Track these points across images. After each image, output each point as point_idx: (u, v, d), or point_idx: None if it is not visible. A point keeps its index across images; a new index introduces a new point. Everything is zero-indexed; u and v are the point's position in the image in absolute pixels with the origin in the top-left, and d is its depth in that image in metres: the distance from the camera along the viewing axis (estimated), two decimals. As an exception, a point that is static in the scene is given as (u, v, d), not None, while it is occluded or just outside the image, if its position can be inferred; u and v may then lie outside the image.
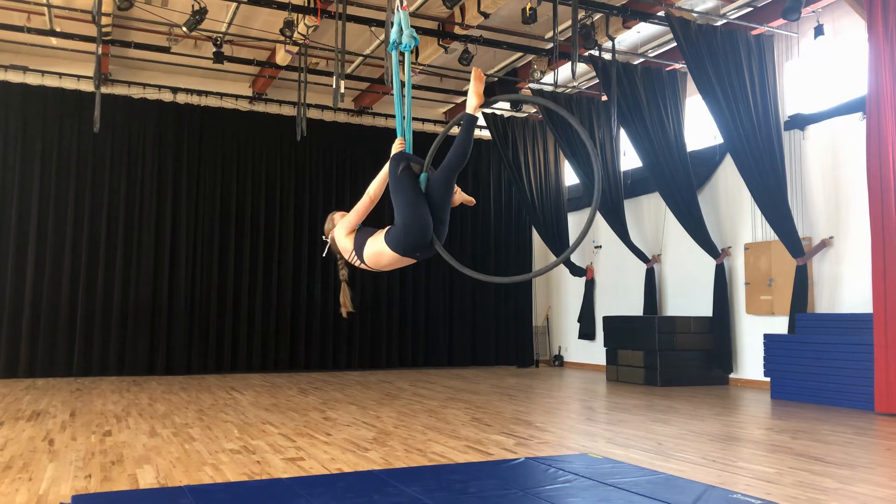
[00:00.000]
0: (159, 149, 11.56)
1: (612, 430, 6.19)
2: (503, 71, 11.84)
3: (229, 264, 11.77)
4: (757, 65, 9.12)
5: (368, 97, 12.65)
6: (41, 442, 5.43)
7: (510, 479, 4.29)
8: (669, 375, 9.89)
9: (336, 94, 8.13)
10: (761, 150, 8.88)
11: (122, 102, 11.37)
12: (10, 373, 10.34)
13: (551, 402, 8.35)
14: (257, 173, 12.16)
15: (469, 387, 9.74)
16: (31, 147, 10.87)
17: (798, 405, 7.89)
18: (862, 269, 8.25)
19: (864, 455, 5.14)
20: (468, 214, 13.58)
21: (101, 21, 8.21)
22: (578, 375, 11.71)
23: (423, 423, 6.45)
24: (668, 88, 10.40)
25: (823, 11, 8.85)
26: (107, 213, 11.15)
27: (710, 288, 10.26)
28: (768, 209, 8.92)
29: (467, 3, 8.97)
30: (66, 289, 10.81)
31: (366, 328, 12.64)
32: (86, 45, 10.13)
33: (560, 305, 13.93)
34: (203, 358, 11.46)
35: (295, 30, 9.07)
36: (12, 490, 3.98)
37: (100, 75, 8.70)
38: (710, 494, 3.87)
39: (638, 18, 9.05)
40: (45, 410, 7.13)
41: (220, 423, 6.37)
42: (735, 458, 5.02)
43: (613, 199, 11.38)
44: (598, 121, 11.59)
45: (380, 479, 4.20)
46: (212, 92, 11.89)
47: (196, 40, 10.44)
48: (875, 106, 7.36)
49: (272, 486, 4.05)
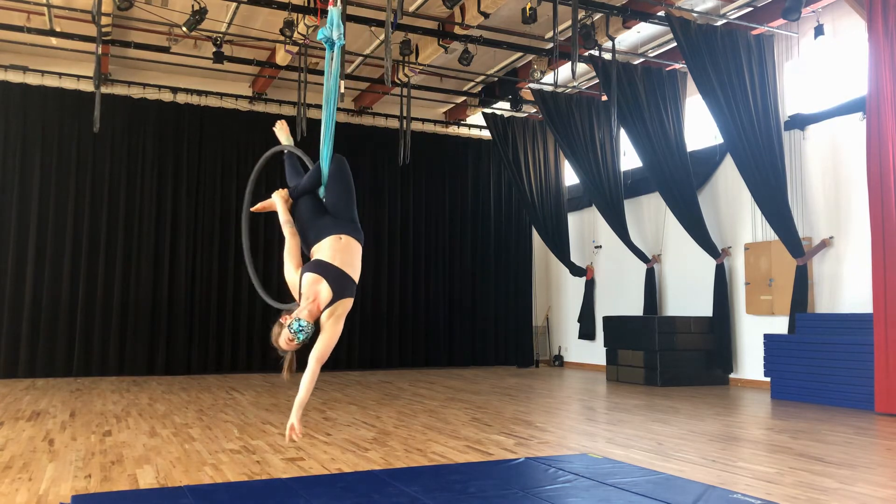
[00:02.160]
0: (159, 149, 11.56)
1: (612, 430, 6.19)
2: (503, 71, 11.84)
3: (229, 264, 11.77)
4: (757, 65, 9.12)
5: (368, 97, 12.64)
6: (41, 442, 5.43)
7: (510, 479, 4.28)
8: (669, 375, 9.89)
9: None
10: (761, 150, 8.88)
11: (122, 102, 11.37)
12: (10, 373, 10.34)
13: (551, 402, 8.35)
14: (257, 173, 12.13)
15: (469, 387, 9.74)
16: (31, 147, 10.87)
17: (798, 405, 7.89)
18: (862, 269, 8.24)
19: (864, 455, 5.14)
20: (468, 214, 13.59)
21: (101, 21, 8.21)
22: (578, 375, 11.71)
23: (423, 423, 6.45)
24: (668, 88, 10.40)
25: (823, 11, 8.85)
26: (107, 212, 11.15)
27: (710, 288, 10.26)
28: (768, 209, 8.92)
29: (467, 3, 8.97)
30: (66, 289, 10.81)
31: (366, 328, 12.64)
32: (86, 45, 10.13)
33: (560, 305, 13.93)
34: (203, 358, 11.46)
35: (295, 30, 9.07)
36: (12, 490, 3.98)
37: (100, 75, 8.71)
38: (710, 494, 3.87)
39: (638, 18, 9.05)
40: (45, 410, 7.13)
41: (220, 423, 6.37)
42: (735, 458, 5.02)
43: (613, 199, 11.37)
44: (598, 121, 11.59)
45: (380, 479, 4.20)
46: (212, 92, 11.89)
47: (196, 40, 10.44)
48: (875, 106, 7.36)
49: (272, 486, 4.05)
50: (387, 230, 13.01)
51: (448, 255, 13.47)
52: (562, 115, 11.48)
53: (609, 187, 11.36)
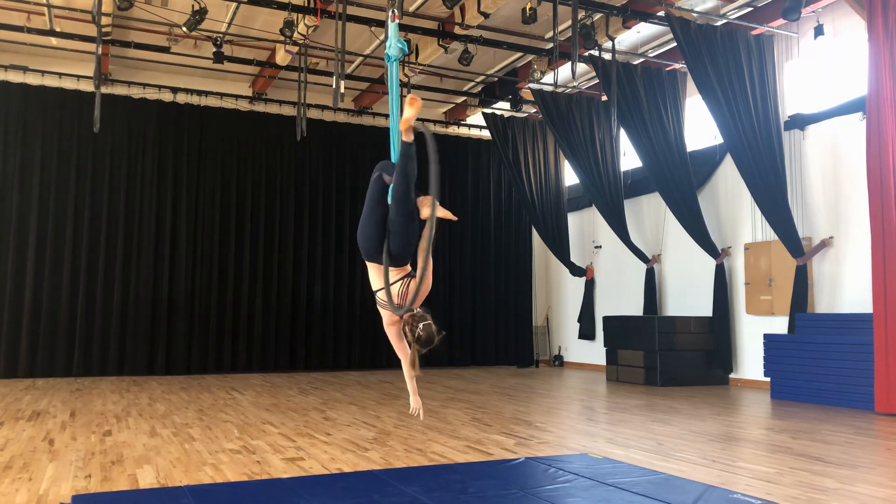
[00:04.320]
0: (159, 149, 11.56)
1: (612, 430, 6.19)
2: (503, 71, 11.84)
3: (229, 264, 11.78)
4: (757, 65, 9.12)
5: (368, 97, 12.64)
6: (41, 442, 5.43)
7: (510, 479, 4.28)
8: (669, 375, 9.89)
9: (336, 94, 8.13)
10: (761, 150, 8.88)
11: (122, 102, 11.37)
12: (10, 373, 10.34)
13: (551, 402, 8.35)
14: (257, 173, 12.16)
15: (469, 387, 9.74)
16: (31, 147, 10.87)
17: (798, 405, 7.89)
18: (862, 269, 8.24)
19: (864, 455, 5.14)
20: (468, 214, 13.58)
21: (101, 21, 8.21)
22: (578, 375, 11.71)
23: (423, 423, 6.45)
24: (668, 88, 10.40)
25: (823, 11, 8.85)
26: (107, 212, 11.15)
27: (710, 288, 10.26)
28: (768, 209, 8.92)
29: (467, 3, 8.97)
30: (66, 289, 10.81)
31: (366, 328, 12.62)
32: (86, 45, 10.13)
33: (560, 305, 13.93)
34: (203, 358, 11.46)
35: (295, 30, 9.07)
36: (12, 490, 3.98)
37: (100, 75, 8.70)
38: (710, 494, 3.87)
39: (638, 18, 9.05)
40: (45, 410, 7.13)
41: (220, 423, 6.37)
42: (735, 458, 5.02)
43: (613, 199, 11.37)
44: (598, 121, 11.59)
45: (380, 479, 4.20)
46: (212, 92, 11.89)
47: (196, 40, 10.43)
48: (875, 106, 7.36)
49: (272, 486, 4.05)
50: (387, 230, 12.99)
51: (448, 255, 13.46)
52: (562, 115, 11.48)
53: (609, 187, 11.36)
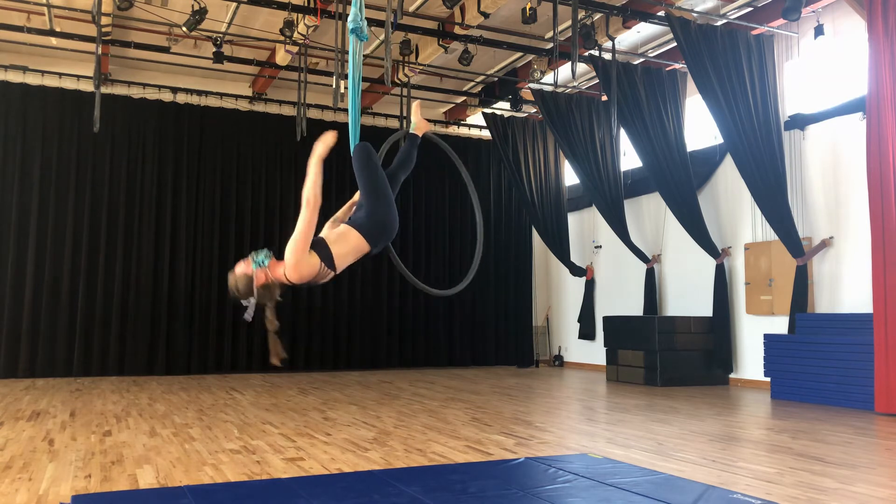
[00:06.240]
0: (159, 149, 11.56)
1: (612, 430, 6.19)
2: (503, 71, 11.84)
3: (229, 264, 11.65)
4: (757, 65, 9.12)
5: (368, 97, 12.64)
6: (41, 442, 5.43)
7: (510, 479, 4.28)
8: (669, 375, 9.89)
9: (336, 94, 8.13)
10: (761, 150, 8.88)
11: (122, 102, 11.37)
12: (10, 373, 10.34)
13: (551, 402, 8.35)
14: (257, 173, 12.16)
15: (469, 387, 9.74)
16: (31, 147, 10.87)
17: (798, 405, 7.89)
18: (862, 269, 8.25)
19: (864, 455, 5.14)
20: (468, 214, 13.57)
21: (101, 21, 8.21)
22: (578, 375, 11.71)
23: (423, 423, 6.45)
24: (668, 88, 10.40)
25: (823, 11, 8.85)
26: (107, 213, 11.14)
27: (710, 288, 10.26)
28: (768, 209, 8.92)
29: (467, 3, 8.97)
30: (66, 289, 10.81)
31: (366, 328, 12.63)
32: (86, 45, 10.13)
33: (560, 305, 13.93)
34: (203, 358, 11.46)
35: (295, 30, 9.07)
36: (12, 490, 3.98)
37: (100, 75, 8.71)
38: (710, 494, 3.87)
39: (638, 18, 9.05)
40: (45, 410, 7.13)
41: (220, 423, 6.37)
42: (735, 458, 5.02)
43: (613, 199, 11.37)
44: (598, 121, 11.59)
45: (380, 479, 4.20)
46: (212, 92, 11.89)
47: (196, 40, 10.43)
48: (875, 106, 7.36)
49: (272, 486, 4.05)
50: (386, 230, 12.99)
51: (448, 255, 13.47)
52: (562, 115, 11.48)
53: (609, 187, 11.36)
